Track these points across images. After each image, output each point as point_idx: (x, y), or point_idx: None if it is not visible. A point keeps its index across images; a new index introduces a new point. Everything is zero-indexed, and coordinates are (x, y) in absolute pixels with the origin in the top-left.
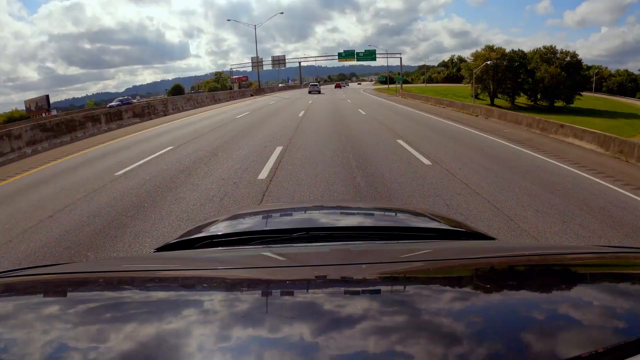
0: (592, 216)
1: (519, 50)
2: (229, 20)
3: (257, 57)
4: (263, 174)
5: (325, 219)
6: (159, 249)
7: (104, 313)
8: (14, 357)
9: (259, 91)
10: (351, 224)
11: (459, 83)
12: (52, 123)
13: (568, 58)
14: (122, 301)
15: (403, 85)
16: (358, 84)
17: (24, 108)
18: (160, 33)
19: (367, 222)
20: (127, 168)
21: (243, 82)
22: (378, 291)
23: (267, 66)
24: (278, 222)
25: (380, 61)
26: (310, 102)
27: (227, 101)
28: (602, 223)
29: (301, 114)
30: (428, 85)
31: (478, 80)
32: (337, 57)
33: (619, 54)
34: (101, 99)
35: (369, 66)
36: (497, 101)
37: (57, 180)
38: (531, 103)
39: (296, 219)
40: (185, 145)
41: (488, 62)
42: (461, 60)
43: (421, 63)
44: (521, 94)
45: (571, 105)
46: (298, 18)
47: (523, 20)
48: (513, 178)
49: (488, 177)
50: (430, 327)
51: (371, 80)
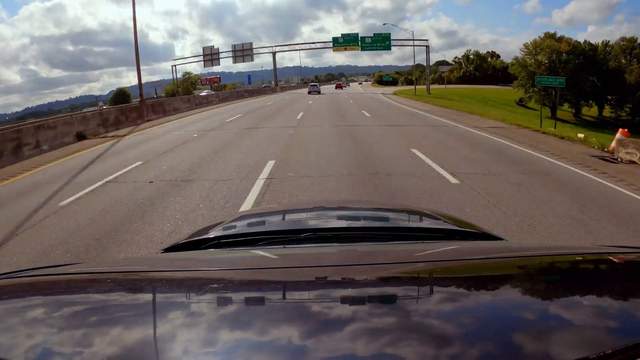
0: None
1: (585, 42)
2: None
3: (213, 50)
4: None
5: (332, 220)
6: (166, 250)
7: (109, 313)
8: (20, 357)
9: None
10: (359, 225)
11: (480, 84)
12: None
13: None
14: (128, 302)
15: (416, 87)
16: (359, 84)
17: None
18: (144, 34)
19: (375, 223)
20: None
21: (215, 85)
22: (389, 292)
23: (227, 60)
24: (285, 223)
25: (368, 60)
26: (291, 134)
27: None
28: None
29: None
30: (448, 86)
31: (528, 81)
32: (332, 45)
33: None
34: (83, 102)
35: (356, 66)
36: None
37: None
38: (611, 116)
39: (303, 220)
40: None
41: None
42: (479, 56)
43: (407, 63)
44: (591, 105)
45: None
46: (284, 18)
47: (511, 19)
48: None
49: None
50: (440, 329)
51: (365, 80)
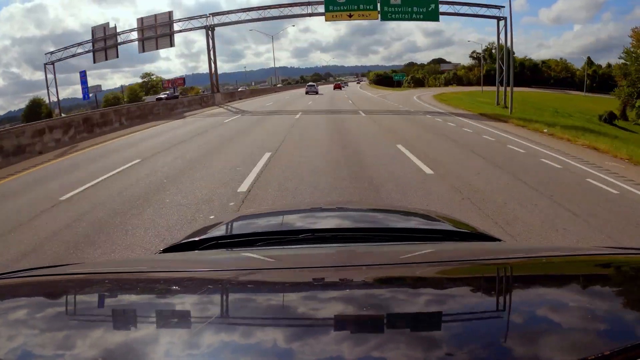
0: None
1: None
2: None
3: (108, 31)
4: None
5: (331, 221)
6: (165, 250)
7: (108, 314)
8: (19, 357)
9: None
10: (357, 226)
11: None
12: None
13: None
14: (127, 302)
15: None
16: (357, 83)
17: None
18: (126, 35)
19: (374, 224)
20: None
21: (181, 88)
22: (387, 293)
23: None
24: (283, 224)
25: (355, 61)
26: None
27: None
28: None
29: None
30: (485, 89)
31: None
32: (325, 13)
33: (592, 52)
34: (70, 105)
35: (343, 66)
36: None
37: None
38: None
39: (302, 221)
40: None
41: None
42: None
43: (394, 63)
44: None
45: None
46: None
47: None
48: None
49: None
50: (437, 330)
51: (358, 81)
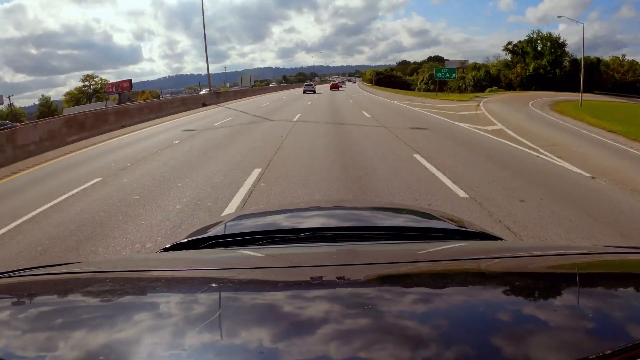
0: None
1: None
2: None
3: None
4: None
5: (332, 219)
6: (166, 249)
7: (109, 312)
8: (18, 357)
9: None
10: (359, 224)
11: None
12: None
13: None
14: (128, 301)
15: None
16: (353, 83)
17: None
18: (108, 36)
19: (375, 222)
20: None
21: (128, 93)
22: (387, 292)
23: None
24: (284, 222)
25: (340, 61)
26: None
27: None
28: None
29: None
30: (556, 95)
31: None
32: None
33: (577, 51)
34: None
35: (328, 66)
36: None
37: None
38: None
39: (303, 219)
40: None
41: None
42: (555, 43)
43: (379, 63)
44: None
45: None
46: (253, 18)
47: (484, 17)
48: None
49: None
50: (438, 329)
51: (348, 80)
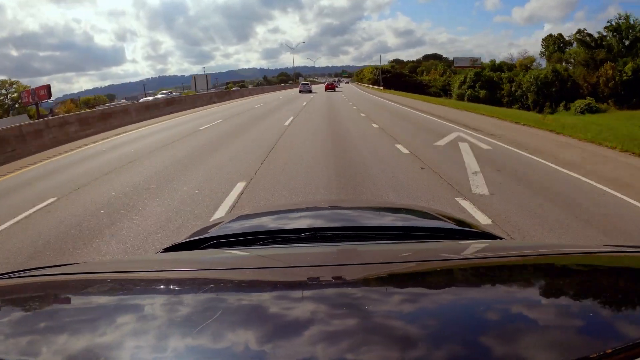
0: None
1: None
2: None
3: None
4: None
5: (332, 219)
6: (166, 250)
7: (108, 313)
8: (19, 358)
9: None
10: (359, 224)
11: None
12: None
13: None
14: (127, 302)
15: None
16: (346, 83)
17: None
18: (90, 37)
19: (375, 222)
20: None
21: (42, 101)
22: (388, 292)
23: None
24: (285, 222)
25: (325, 61)
26: None
27: None
28: None
29: None
30: None
31: None
32: None
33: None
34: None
35: (313, 67)
36: None
37: None
38: None
39: (303, 219)
40: None
41: None
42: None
43: (364, 63)
44: None
45: None
46: (237, 18)
47: (470, 17)
48: None
49: None
50: (438, 328)
51: (338, 80)
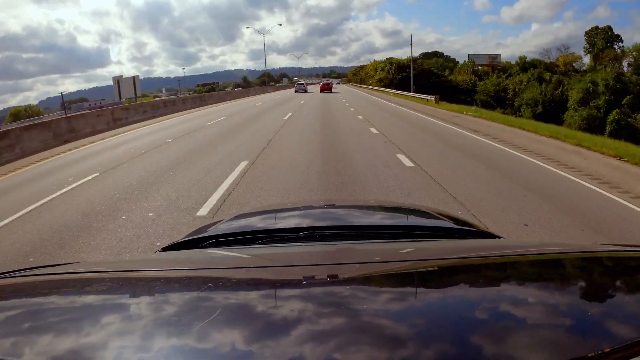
0: None
1: None
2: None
3: None
4: None
5: (331, 218)
6: (165, 249)
7: (107, 312)
8: (18, 358)
9: None
10: (358, 223)
11: None
12: None
13: None
14: (126, 301)
15: None
16: (337, 84)
17: None
18: (73, 38)
19: (374, 221)
20: None
21: None
22: (386, 291)
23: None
24: (284, 221)
25: (312, 62)
26: None
27: None
28: None
29: None
30: None
31: None
32: None
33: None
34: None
35: (300, 67)
36: None
37: None
38: None
39: (302, 218)
40: None
41: None
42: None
43: (351, 64)
44: None
45: None
46: (223, 18)
47: (458, 17)
48: None
49: None
50: (435, 327)
51: (327, 80)
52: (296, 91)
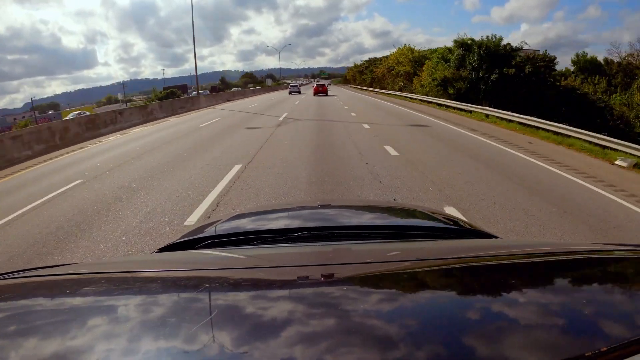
0: None
1: None
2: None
3: None
4: None
5: (327, 218)
6: (161, 250)
7: (104, 314)
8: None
9: None
10: (354, 223)
11: None
12: None
13: None
14: (122, 302)
15: None
16: (328, 85)
17: None
18: (58, 39)
19: (370, 221)
20: None
21: None
22: (382, 291)
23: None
24: (280, 222)
25: (302, 63)
26: None
27: None
28: None
29: None
30: None
31: None
32: None
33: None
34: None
35: (289, 68)
36: None
37: None
38: None
39: (298, 218)
40: None
41: None
42: None
43: (341, 65)
44: None
45: None
46: (211, 19)
47: (449, 17)
48: None
49: None
50: (437, 327)
51: (317, 81)
52: (290, 92)
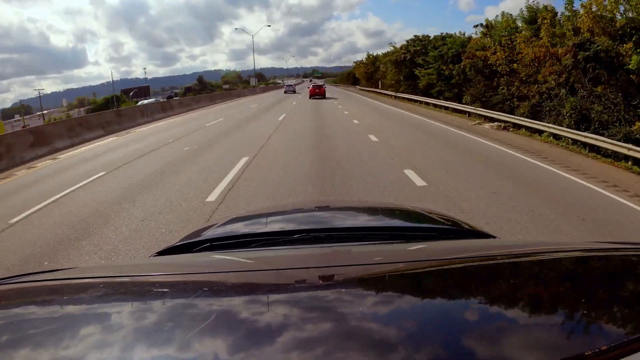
0: None
1: None
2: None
3: None
4: None
5: (325, 220)
6: (160, 253)
7: (103, 318)
8: None
9: None
10: (352, 225)
11: None
12: None
13: None
14: (120, 306)
15: None
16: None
17: None
18: (47, 38)
19: (368, 223)
20: None
21: None
22: (382, 293)
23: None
24: (278, 224)
25: (294, 62)
26: None
27: None
28: None
29: None
30: None
31: None
32: None
33: None
34: None
35: (282, 68)
36: None
37: None
38: None
39: (296, 220)
40: None
41: None
42: None
43: (334, 64)
44: None
45: None
46: (202, 17)
47: (442, 17)
48: None
49: None
50: (436, 328)
51: (310, 80)
52: (285, 92)
